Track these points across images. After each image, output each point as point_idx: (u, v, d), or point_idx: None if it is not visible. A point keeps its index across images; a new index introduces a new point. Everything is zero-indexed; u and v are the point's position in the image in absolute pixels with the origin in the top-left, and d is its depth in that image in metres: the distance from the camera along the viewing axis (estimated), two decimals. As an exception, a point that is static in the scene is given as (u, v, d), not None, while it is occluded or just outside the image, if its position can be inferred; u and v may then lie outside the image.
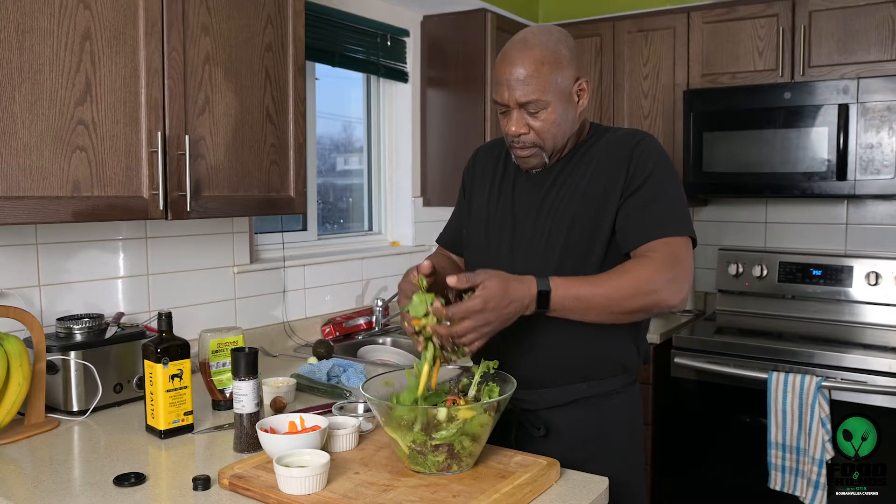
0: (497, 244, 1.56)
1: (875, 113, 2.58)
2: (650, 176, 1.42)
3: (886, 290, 2.86)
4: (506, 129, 1.47)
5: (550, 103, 1.42)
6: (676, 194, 1.44)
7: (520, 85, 1.40)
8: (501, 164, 1.63)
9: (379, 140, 3.22)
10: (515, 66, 1.41)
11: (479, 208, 1.63)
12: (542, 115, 1.43)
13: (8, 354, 1.55)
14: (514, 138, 1.46)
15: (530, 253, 1.51)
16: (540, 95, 1.41)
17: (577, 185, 1.48)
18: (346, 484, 1.23)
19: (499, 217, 1.57)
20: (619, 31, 3.15)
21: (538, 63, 1.40)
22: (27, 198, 1.48)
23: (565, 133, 1.48)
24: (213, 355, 1.72)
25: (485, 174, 1.65)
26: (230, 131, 1.90)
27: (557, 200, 1.50)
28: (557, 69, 1.42)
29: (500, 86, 1.44)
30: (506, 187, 1.59)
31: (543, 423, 1.50)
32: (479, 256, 1.60)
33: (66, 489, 1.29)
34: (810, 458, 2.39)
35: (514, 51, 1.43)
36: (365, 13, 2.90)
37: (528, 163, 1.50)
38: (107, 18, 1.60)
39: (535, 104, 1.42)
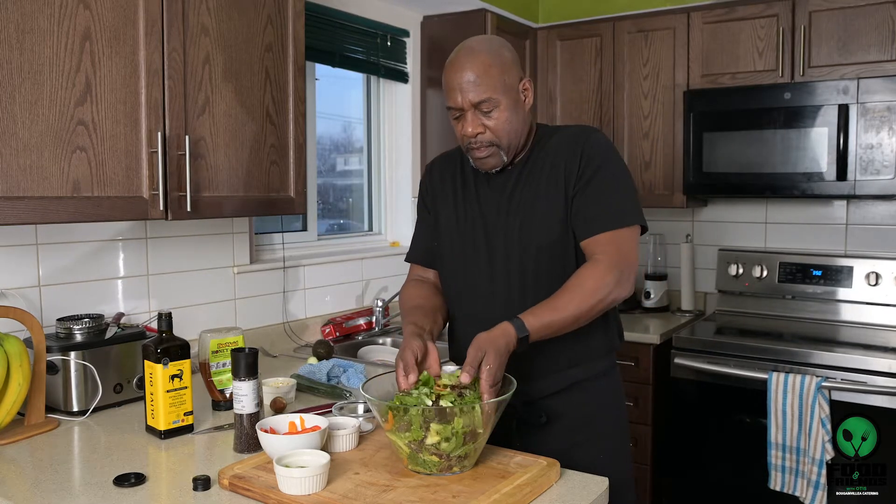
0: (472, 251, 1.60)
1: (875, 113, 2.58)
2: (598, 169, 1.50)
3: (886, 291, 2.86)
4: (462, 132, 1.52)
5: (501, 101, 1.48)
6: (624, 185, 1.52)
7: (471, 87, 1.47)
8: (460, 174, 1.67)
9: (379, 140, 3.22)
10: (465, 70, 1.47)
11: (448, 219, 1.66)
12: (494, 113, 1.49)
13: (8, 355, 1.55)
14: (471, 140, 1.51)
15: (507, 255, 1.56)
16: (492, 94, 1.47)
17: (538, 184, 1.55)
18: (346, 484, 1.23)
19: (469, 224, 1.61)
20: (619, 32, 3.14)
21: (486, 65, 1.47)
22: (27, 198, 1.48)
23: (518, 131, 1.53)
24: (213, 356, 1.72)
25: (444, 186, 1.69)
26: (230, 131, 1.90)
27: (522, 201, 1.55)
28: (504, 70, 1.49)
29: (451, 91, 1.49)
30: (469, 195, 1.63)
31: (544, 411, 1.57)
32: (455, 266, 1.64)
33: (66, 489, 1.29)
34: (810, 459, 2.39)
35: (461, 57, 1.50)
36: (365, 13, 2.91)
37: (487, 163, 1.54)
38: (107, 19, 1.60)
39: (488, 102, 1.47)
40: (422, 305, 1.61)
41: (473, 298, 1.60)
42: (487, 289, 1.58)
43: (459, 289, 1.63)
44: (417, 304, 1.62)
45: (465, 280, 1.61)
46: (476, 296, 1.59)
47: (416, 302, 1.63)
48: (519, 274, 1.55)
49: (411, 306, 1.62)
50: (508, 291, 1.56)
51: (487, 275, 1.58)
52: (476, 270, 1.59)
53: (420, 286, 1.71)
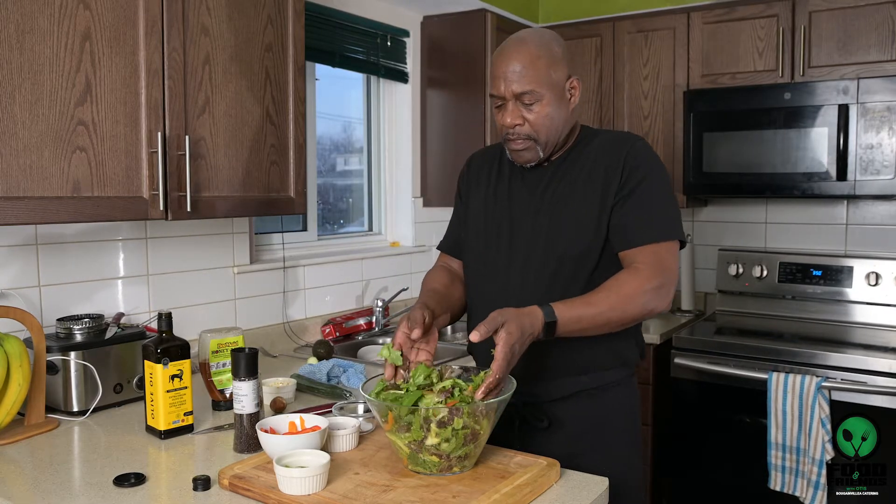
0: (496, 245, 1.59)
1: (875, 113, 2.58)
2: (643, 180, 1.48)
3: (886, 291, 2.86)
4: (501, 122, 1.51)
5: (545, 96, 1.47)
6: (667, 198, 1.50)
7: (516, 76, 1.46)
8: (496, 167, 1.66)
9: (379, 140, 3.22)
10: (512, 60, 1.46)
11: (477, 211, 1.65)
12: (536, 107, 1.47)
13: (8, 355, 1.55)
14: (509, 130, 1.50)
15: (530, 252, 1.53)
16: (535, 86, 1.46)
17: (573, 185, 1.53)
18: (346, 484, 1.23)
19: (496, 217, 1.60)
20: (619, 32, 3.14)
21: (533, 57, 1.46)
22: (27, 198, 1.48)
23: (558, 128, 1.51)
24: (213, 356, 1.72)
25: (480, 178, 1.68)
26: (230, 132, 1.90)
27: (554, 200, 1.53)
28: (551, 64, 1.48)
29: (496, 79, 1.49)
30: (501, 189, 1.62)
31: (546, 415, 1.54)
32: (478, 258, 1.63)
33: (66, 489, 1.29)
34: (810, 459, 2.39)
35: (510, 46, 1.49)
36: (365, 13, 2.91)
37: (523, 156, 1.53)
38: (107, 19, 1.60)
39: (531, 95, 1.46)
40: (438, 290, 1.61)
41: (490, 291, 1.58)
42: (504, 283, 1.55)
43: (478, 279, 1.62)
44: (434, 287, 1.62)
45: (484, 272, 1.60)
46: (493, 289, 1.57)
47: (434, 286, 1.63)
48: (537, 272, 1.52)
49: (428, 289, 1.63)
50: (524, 287, 1.52)
51: (505, 269, 1.56)
52: (495, 264, 1.58)
53: (443, 273, 1.71)
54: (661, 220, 1.47)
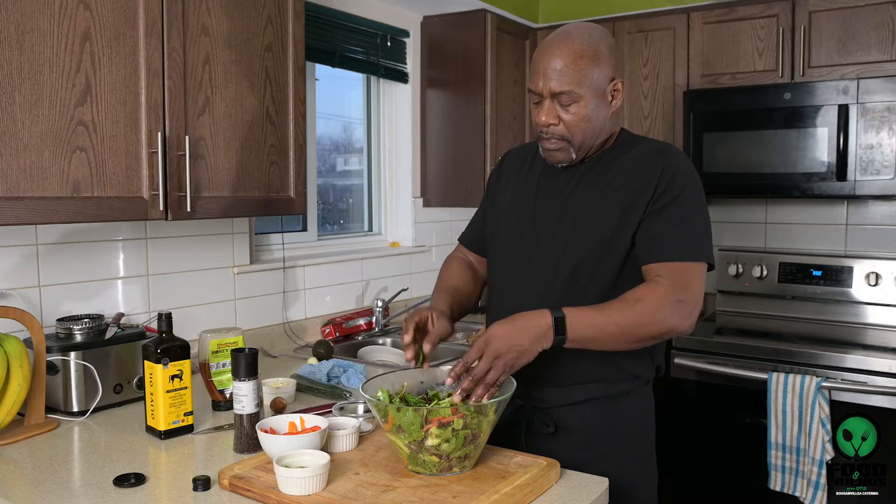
0: (517, 240, 1.57)
1: (875, 113, 2.58)
2: (678, 197, 1.42)
3: (886, 291, 2.86)
4: (536, 119, 1.47)
5: (583, 97, 1.42)
6: (700, 219, 1.44)
7: (556, 75, 1.41)
8: (528, 163, 1.64)
9: (379, 140, 3.22)
10: (554, 56, 1.42)
11: (504, 207, 1.63)
12: (573, 108, 1.43)
13: (8, 355, 1.55)
14: (543, 128, 1.46)
15: (550, 250, 1.51)
16: (574, 87, 1.41)
17: (603, 190, 1.48)
18: (346, 484, 1.23)
19: (522, 215, 1.58)
20: (619, 32, 3.14)
21: (577, 56, 1.41)
22: (27, 198, 1.48)
23: (595, 130, 1.47)
24: (213, 356, 1.72)
25: (510, 174, 1.66)
26: (230, 132, 1.90)
27: (582, 201, 1.49)
28: (595, 64, 1.43)
29: (535, 74, 1.45)
30: (530, 185, 1.59)
31: (553, 420, 1.52)
32: (500, 254, 1.62)
33: (66, 490, 1.29)
34: (810, 459, 2.39)
35: (554, 41, 1.44)
36: (365, 13, 2.91)
37: (555, 156, 1.50)
38: (107, 19, 1.60)
39: (569, 95, 1.42)
40: (455, 287, 1.63)
41: (509, 289, 1.57)
42: (522, 283, 1.53)
43: (500, 277, 1.61)
44: (452, 284, 1.64)
45: (505, 269, 1.59)
46: (512, 288, 1.56)
47: (449, 283, 1.65)
48: (554, 275, 1.49)
49: (443, 286, 1.64)
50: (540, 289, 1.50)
51: (524, 269, 1.53)
52: (516, 262, 1.56)
53: (464, 268, 1.73)
54: (692, 240, 1.40)
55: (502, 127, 3.12)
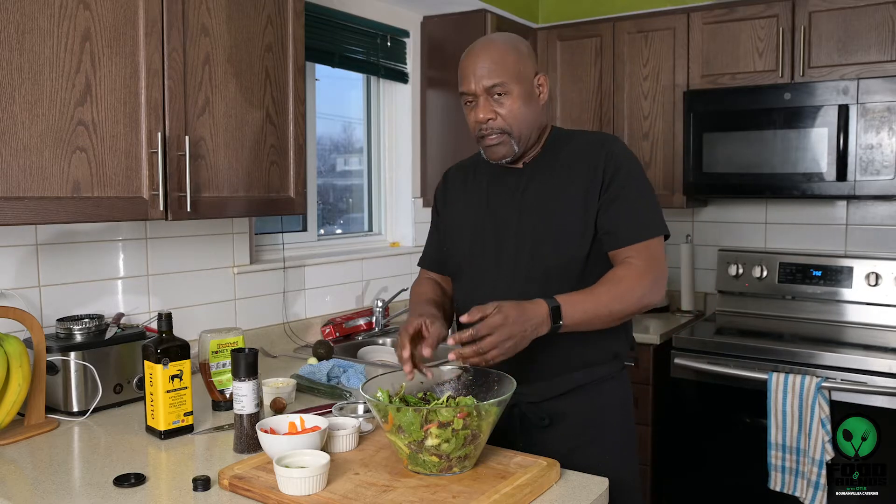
0: (481, 249, 1.60)
1: (875, 113, 2.58)
2: (627, 180, 1.51)
3: (886, 291, 2.86)
4: (474, 119, 1.53)
5: (514, 89, 1.49)
6: (651, 195, 1.54)
7: (486, 71, 1.48)
8: (472, 176, 1.69)
9: (379, 141, 3.22)
10: (480, 56, 1.50)
11: (458, 221, 1.67)
12: (506, 101, 1.49)
13: (8, 355, 1.55)
14: (482, 125, 1.52)
15: (518, 253, 1.55)
16: (505, 79, 1.48)
17: (554, 185, 1.55)
18: (346, 484, 1.23)
19: (480, 224, 1.61)
20: (619, 32, 3.14)
21: (502, 52, 1.50)
22: (27, 198, 1.48)
23: (530, 123, 1.53)
24: (213, 356, 1.72)
25: (456, 189, 1.71)
26: (230, 132, 1.90)
27: (537, 201, 1.55)
28: (519, 60, 1.51)
29: (466, 76, 1.51)
30: (480, 194, 1.64)
31: (547, 413, 1.56)
32: (466, 267, 1.64)
33: (66, 490, 1.29)
34: (810, 459, 2.39)
35: (478, 45, 1.53)
36: (365, 14, 2.91)
37: (498, 151, 1.54)
38: (107, 19, 1.60)
39: (501, 87, 1.48)
40: (432, 299, 1.65)
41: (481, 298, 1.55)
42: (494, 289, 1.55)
43: (468, 288, 1.63)
44: (428, 297, 1.66)
45: (473, 279, 1.61)
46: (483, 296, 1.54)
47: (427, 297, 1.67)
48: (528, 277, 1.53)
49: (421, 300, 1.66)
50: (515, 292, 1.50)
51: (495, 275, 1.57)
52: (485, 271, 1.59)
53: (430, 284, 1.75)
54: (650, 218, 1.51)
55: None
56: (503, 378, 1.37)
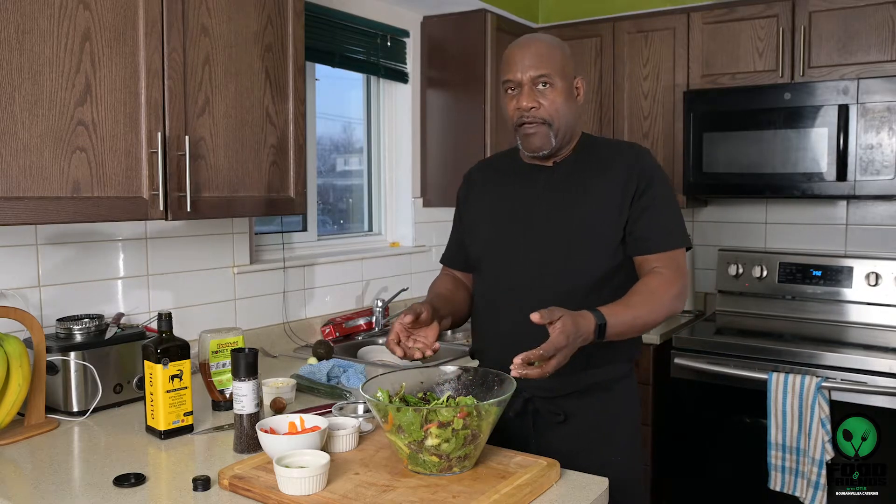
0: (508, 242, 1.61)
1: (875, 113, 2.58)
2: (658, 191, 1.56)
3: (886, 291, 2.86)
4: (517, 106, 1.55)
5: (558, 83, 1.54)
6: (676, 207, 1.60)
7: (534, 61, 1.53)
8: (497, 172, 1.71)
9: (379, 140, 3.22)
10: (529, 48, 1.55)
11: (483, 214, 1.68)
12: (550, 93, 1.54)
13: (8, 355, 1.55)
14: (524, 113, 1.54)
15: (547, 247, 1.56)
16: (551, 71, 1.53)
17: (586, 186, 1.57)
18: (346, 484, 1.23)
19: (506, 216, 1.63)
20: (618, 32, 3.14)
21: (549, 47, 1.56)
22: (27, 198, 1.48)
23: (569, 120, 1.57)
24: (213, 356, 1.72)
25: (480, 186, 1.72)
26: (230, 132, 1.90)
27: (568, 199, 1.58)
28: (564, 57, 1.57)
29: (512, 65, 1.55)
30: (507, 189, 1.66)
31: (562, 409, 1.58)
32: (490, 259, 1.65)
33: (66, 490, 1.29)
34: (810, 459, 2.39)
35: (526, 38, 1.59)
36: (365, 14, 2.91)
37: (535, 141, 1.56)
38: (106, 19, 1.60)
39: (546, 78, 1.53)
40: (442, 293, 1.68)
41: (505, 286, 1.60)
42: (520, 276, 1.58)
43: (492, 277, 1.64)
44: (439, 291, 1.69)
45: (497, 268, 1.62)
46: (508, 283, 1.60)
47: (439, 290, 1.70)
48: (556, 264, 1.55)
49: (434, 293, 1.69)
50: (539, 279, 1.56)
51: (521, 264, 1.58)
52: (510, 259, 1.60)
53: (448, 279, 1.78)
54: (676, 228, 1.57)
55: (502, 127, 3.12)
56: (503, 378, 1.36)
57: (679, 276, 1.53)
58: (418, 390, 1.40)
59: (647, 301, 1.48)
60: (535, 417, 1.59)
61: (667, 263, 1.53)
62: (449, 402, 1.32)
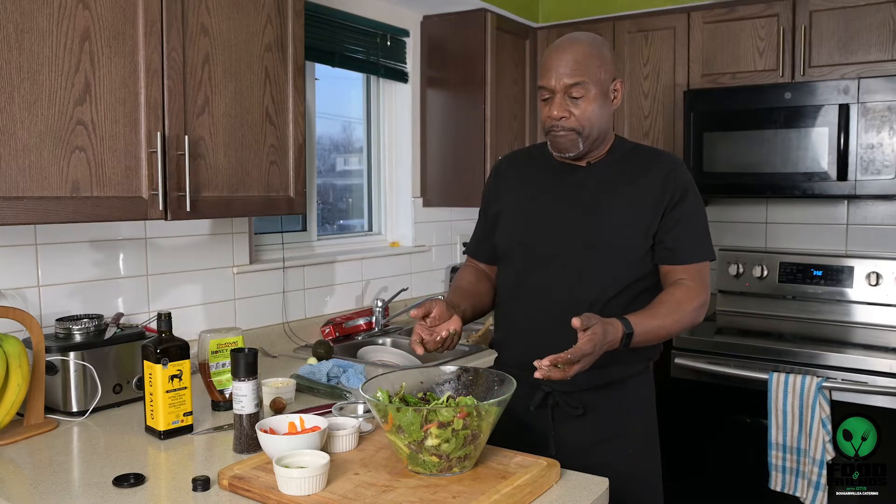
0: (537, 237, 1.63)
1: (876, 113, 2.58)
2: (690, 204, 1.59)
3: (887, 291, 2.86)
4: (548, 114, 1.57)
5: (592, 90, 1.54)
6: (705, 220, 1.63)
7: (568, 69, 1.53)
8: (528, 166, 1.72)
9: (379, 140, 3.21)
10: (565, 53, 1.54)
11: (512, 206, 1.69)
12: (582, 102, 1.54)
13: (7, 355, 1.55)
14: (554, 122, 1.56)
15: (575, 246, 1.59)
16: (585, 78, 1.53)
17: (619, 189, 1.60)
18: (346, 485, 1.23)
19: (537, 211, 1.65)
20: (619, 31, 3.14)
21: (586, 53, 1.54)
22: (26, 198, 1.48)
23: (601, 126, 1.58)
24: (212, 356, 1.72)
25: (510, 178, 1.73)
26: (230, 132, 1.89)
27: (600, 200, 1.60)
28: (601, 63, 1.56)
29: (547, 71, 1.55)
30: (538, 185, 1.67)
31: (581, 403, 1.62)
32: (517, 253, 1.66)
33: (66, 490, 1.28)
34: (811, 459, 2.39)
35: (564, 42, 1.58)
36: (365, 13, 2.90)
37: (563, 144, 1.58)
38: (106, 19, 1.59)
39: (580, 87, 1.53)
40: (463, 287, 1.70)
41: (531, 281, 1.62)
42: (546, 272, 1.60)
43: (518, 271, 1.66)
44: (460, 285, 1.72)
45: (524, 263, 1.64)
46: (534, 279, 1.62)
47: (461, 284, 1.72)
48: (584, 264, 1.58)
49: (455, 286, 1.72)
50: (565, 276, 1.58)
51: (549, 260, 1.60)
52: (538, 255, 1.62)
53: (470, 271, 1.79)
54: (705, 243, 1.60)
55: (502, 127, 3.12)
56: (503, 378, 1.36)
57: (703, 289, 1.56)
58: (418, 390, 1.40)
59: (672, 312, 1.51)
60: (553, 410, 1.62)
61: (692, 275, 1.56)
62: (449, 402, 1.32)
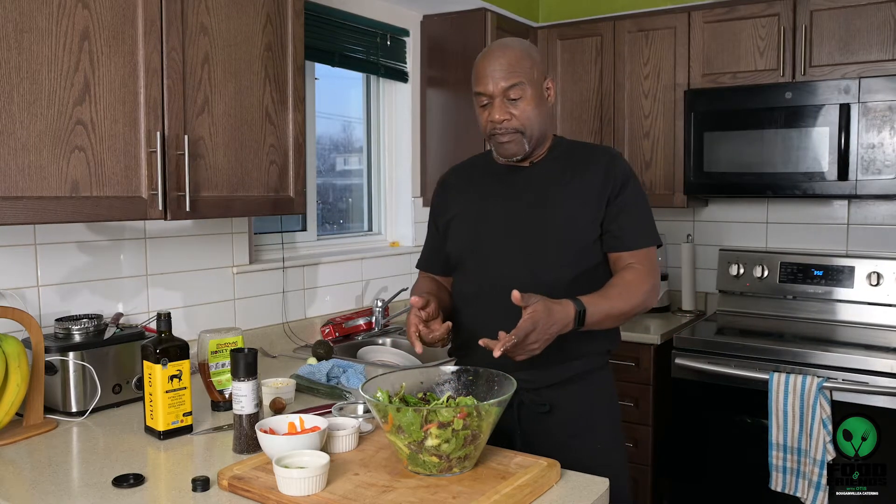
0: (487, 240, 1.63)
1: (876, 113, 2.58)
2: (632, 192, 1.62)
3: (887, 291, 2.86)
4: (489, 119, 1.59)
5: (528, 91, 1.57)
6: (648, 207, 1.67)
7: (503, 73, 1.56)
8: (472, 175, 1.74)
9: (379, 140, 3.21)
10: (498, 58, 1.57)
11: (460, 216, 1.70)
12: (521, 102, 1.57)
13: (6, 355, 1.55)
14: (497, 125, 1.58)
15: (527, 242, 1.60)
16: (521, 79, 1.56)
17: (564, 184, 1.62)
18: (346, 485, 1.23)
19: (484, 215, 1.65)
20: (619, 31, 3.14)
21: (518, 56, 1.57)
22: (26, 198, 1.48)
23: (541, 124, 1.61)
24: (212, 356, 1.71)
25: (456, 190, 1.75)
26: (229, 131, 1.89)
27: (546, 196, 1.62)
28: (533, 64, 1.59)
29: (482, 78, 1.58)
30: (484, 190, 1.69)
31: (546, 400, 1.62)
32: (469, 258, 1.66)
33: (65, 490, 1.28)
34: (811, 459, 2.39)
35: (494, 48, 1.61)
36: (365, 13, 2.90)
37: (510, 149, 1.61)
38: (105, 18, 1.59)
39: (518, 88, 1.55)
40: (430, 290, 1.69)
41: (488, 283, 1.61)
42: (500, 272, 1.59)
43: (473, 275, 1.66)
44: (426, 288, 1.71)
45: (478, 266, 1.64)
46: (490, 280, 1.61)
47: (425, 287, 1.72)
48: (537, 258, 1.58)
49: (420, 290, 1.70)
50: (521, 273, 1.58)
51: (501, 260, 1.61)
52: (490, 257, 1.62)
53: (428, 280, 1.80)
54: (648, 227, 1.63)
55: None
56: (503, 378, 1.36)
57: (652, 272, 1.60)
58: (418, 390, 1.40)
59: (623, 293, 1.54)
60: (519, 409, 1.61)
61: (641, 260, 1.59)
62: (449, 402, 1.31)
